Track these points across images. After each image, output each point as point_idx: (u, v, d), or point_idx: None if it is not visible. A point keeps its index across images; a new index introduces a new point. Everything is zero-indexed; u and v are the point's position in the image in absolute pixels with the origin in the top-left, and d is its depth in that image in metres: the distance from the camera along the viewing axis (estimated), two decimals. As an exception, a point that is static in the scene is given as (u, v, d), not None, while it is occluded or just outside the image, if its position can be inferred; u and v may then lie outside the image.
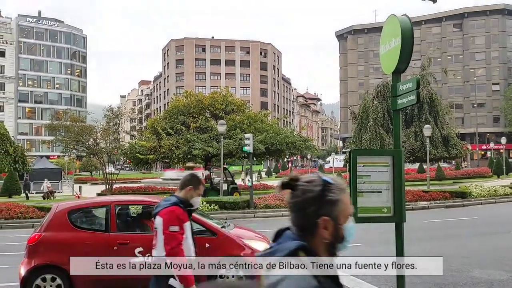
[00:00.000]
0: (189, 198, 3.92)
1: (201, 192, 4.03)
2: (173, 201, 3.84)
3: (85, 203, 7.71)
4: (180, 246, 3.71)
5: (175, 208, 3.76)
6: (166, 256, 3.67)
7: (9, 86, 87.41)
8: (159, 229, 3.73)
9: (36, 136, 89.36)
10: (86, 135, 29.13)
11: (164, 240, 3.67)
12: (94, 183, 46.02)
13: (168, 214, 3.72)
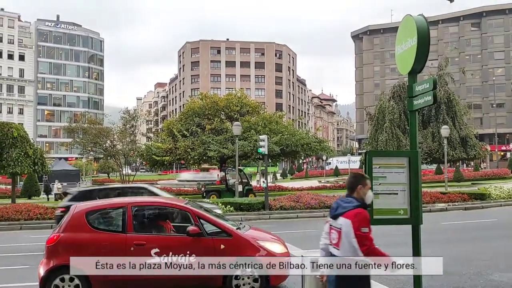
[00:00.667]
0: (362, 196, 3.99)
1: (369, 186, 4.09)
2: (356, 203, 3.92)
3: (102, 204, 7.80)
4: (374, 245, 3.82)
5: (361, 210, 3.88)
6: (364, 256, 3.78)
7: (29, 89, 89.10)
8: (348, 230, 3.81)
9: (55, 138, 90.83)
10: (103, 137, 29.55)
11: (358, 242, 3.77)
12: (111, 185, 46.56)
13: (357, 216, 3.82)
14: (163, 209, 7.67)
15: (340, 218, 3.93)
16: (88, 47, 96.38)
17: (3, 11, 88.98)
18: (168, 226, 7.45)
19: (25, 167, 24.28)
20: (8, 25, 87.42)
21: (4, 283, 8.25)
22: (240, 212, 18.12)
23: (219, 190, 26.16)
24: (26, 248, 12.16)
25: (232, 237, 6.86)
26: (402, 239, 11.51)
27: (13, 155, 23.76)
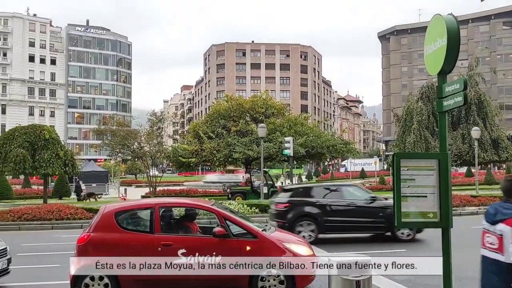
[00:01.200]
0: None
1: None
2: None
3: (130, 205, 7.95)
4: None
5: None
6: None
7: (60, 93, 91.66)
8: (509, 238, 3.72)
9: (85, 140, 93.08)
10: (131, 139, 30.03)
11: None
12: (138, 186, 47.36)
13: None
14: (190, 210, 7.75)
15: (499, 224, 3.79)
16: (117, 51, 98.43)
17: (36, 17, 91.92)
18: (194, 227, 7.53)
19: (56, 168, 24.94)
20: (40, 30, 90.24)
21: (37, 281, 8.51)
22: (266, 214, 18.08)
23: (245, 191, 26.25)
24: (57, 247, 12.50)
25: (257, 238, 6.87)
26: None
27: (45, 157, 24.46)
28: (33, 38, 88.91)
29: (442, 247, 4.75)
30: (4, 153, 24.18)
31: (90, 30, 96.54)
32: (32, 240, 13.87)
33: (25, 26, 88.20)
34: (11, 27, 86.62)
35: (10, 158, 23.68)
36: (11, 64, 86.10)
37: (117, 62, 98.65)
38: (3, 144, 24.66)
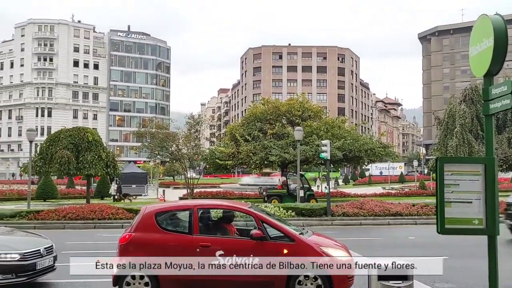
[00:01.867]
0: None
1: None
2: None
3: (170, 206, 8.11)
4: None
5: None
6: None
7: (102, 96, 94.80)
8: None
9: (125, 143, 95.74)
10: (170, 141, 30.60)
11: None
12: (176, 187, 48.21)
13: None
14: (227, 212, 7.82)
15: None
16: (156, 55, 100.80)
17: (80, 23, 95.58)
18: (232, 229, 7.60)
19: (99, 169, 25.79)
20: (84, 36, 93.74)
21: (81, 278, 8.81)
22: (302, 217, 18.02)
23: (281, 194, 26.21)
24: (100, 246, 12.90)
25: (295, 242, 6.85)
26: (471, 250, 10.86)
27: (88, 158, 25.34)
28: (77, 43, 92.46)
29: (488, 255, 4.59)
30: (50, 154, 25.25)
31: (131, 36, 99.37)
32: (76, 239, 14.38)
33: (70, 33, 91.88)
34: (57, 33, 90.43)
35: (56, 159, 24.68)
36: (57, 69, 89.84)
37: (156, 66, 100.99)
38: (49, 146, 25.75)
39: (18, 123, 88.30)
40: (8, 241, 7.93)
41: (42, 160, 25.36)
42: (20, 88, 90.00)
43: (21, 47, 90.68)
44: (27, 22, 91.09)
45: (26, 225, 16.39)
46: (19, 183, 46.74)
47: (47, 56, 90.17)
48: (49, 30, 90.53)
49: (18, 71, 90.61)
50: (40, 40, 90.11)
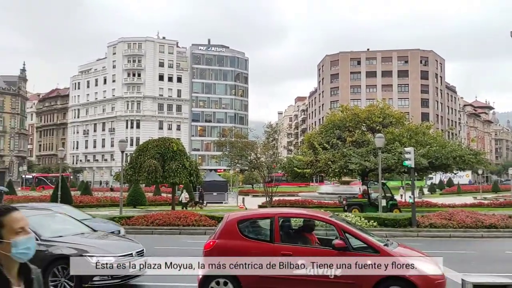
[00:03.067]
0: None
1: None
2: None
3: (251, 214, 8.25)
4: None
5: None
6: None
7: (185, 108, 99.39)
8: None
9: (206, 152, 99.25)
10: (248, 150, 31.19)
11: None
12: (255, 195, 48.87)
13: None
14: (308, 221, 7.77)
15: None
16: (235, 66, 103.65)
17: (165, 40, 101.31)
18: (313, 238, 7.52)
19: (183, 178, 27.01)
20: (168, 51, 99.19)
21: (169, 282, 9.24)
22: (384, 228, 17.34)
23: (361, 204, 25.47)
24: (185, 252, 13.44)
25: (379, 253, 6.61)
26: None
27: (173, 167, 26.66)
28: (162, 59, 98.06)
29: None
30: (139, 164, 26.95)
31: (211, 49, 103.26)
32: (163, 244, 15.12)
33: (155, 48, 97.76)
34: (144, 50, 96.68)
35: (144, 168, 26.27)
36: (144, 83, 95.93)
37: (235, 77, 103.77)
38: (138, 156, 27.51)
39: (110, 135, 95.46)
40: (104, 245, 8.55)
41: (132, 169, 27.12)
42: (112, 102, 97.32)
43: (113, 64, 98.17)
44: (118, 40, 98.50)
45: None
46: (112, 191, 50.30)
47: (135, 71, 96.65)
48: (137, 48, 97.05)
49: (110, 86, 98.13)
50: (129, 57, 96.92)
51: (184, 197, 32.68)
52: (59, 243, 8.09)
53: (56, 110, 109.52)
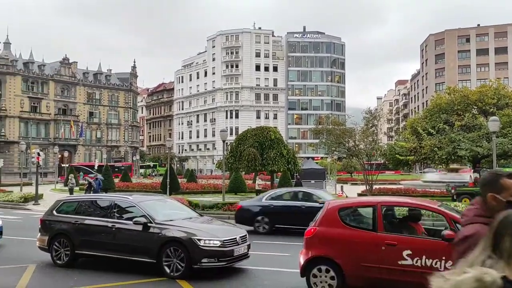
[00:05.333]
0: None
1: None
2: None
3: (352, 202, 8.10)
4: None
5: None
6: None
7: (281, 97, 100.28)
8: None
9: (303, 140, 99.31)
10: (346, 137, 30.51)
11: None
12: (353, 184, 47.80)
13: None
14: (414, 210, 7.40)
15: None
16: (331, 52, 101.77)
17: (260, 30, 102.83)
18: (419, 228, 7.17)
19: (281, 166, 27.40)
20: (264, 41, 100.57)
21: (271, 266, 9.49)
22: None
23: (473, 193, 23.55)
24: (285, 238, 13.67)
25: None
26: None
27: (271, 155, 27.16)
28: (258, 49, 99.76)
29: None
30: (239, 152, 27.90)
31: (307, 36, 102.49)
32: (263, 229, 15.50)
33: (252, 39, 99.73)
34: (241, 41, 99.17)
35: (244, 157, 27.14)
36: (241, 74, 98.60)
37: (331, 64, 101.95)
38: (238, 145, 28.48)
39: (211, 125, 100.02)
40: (210, 229, 9.02)
41: (233, 158, 28.17)
42: (212, 94, 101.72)
43: (212, 57, 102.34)
44: (217, 34, 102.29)
45: (222, 215, 18.39)
46: (214, 178, 52.82)
47: (233, 63, 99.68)
48: (235, 39, 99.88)
49: (210, 78, 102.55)
50: (227, 49, 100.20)
51: (258, 184, 32.70)
52: (171, 226, 8.71)
53: (163, 103, 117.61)
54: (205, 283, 8.05)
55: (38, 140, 71.68)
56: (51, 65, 78.93)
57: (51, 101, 75.37)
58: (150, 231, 8.63)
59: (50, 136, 74.82)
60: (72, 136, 76.08)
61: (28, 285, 8.06)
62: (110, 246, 9.03)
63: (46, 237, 9.78)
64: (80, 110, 79.49)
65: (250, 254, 9.31)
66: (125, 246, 8.88)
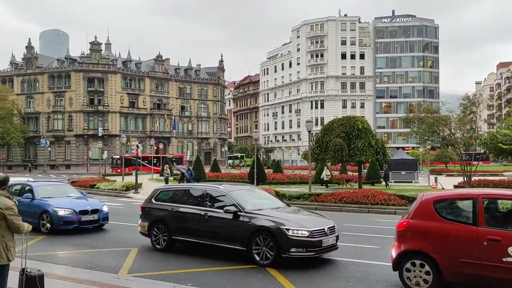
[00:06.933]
0: None
1: None
2: None
3: (449, 194, 7.62)
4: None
5: None
6: None
7: (368, 85, 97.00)
8: None
9: (392, 129, 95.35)
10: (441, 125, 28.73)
11: None
12: (449, 175, 44.96)
13: None
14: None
15: None
16: (423, 36, 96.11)
17: (346, 17, 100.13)
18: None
19: (369, 156, 26.60)
20: (350, 28, 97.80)
21: (360, 259, 9.32)
22: None
23: None
24: (375, 230, 13.31)
25: None
26: None
27: (359, 145, 26.47)
28: (344, 37, 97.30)
29: None
30: (325, 142, 27.57)
31: (396, 20, 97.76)
32: (351, 221, 15.25)
33: (337, 27, 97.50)
34: (326, 30, 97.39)
35: (330, 147, 26.78)
36: (327, 64, 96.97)
37: (423, 48, 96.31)
38: (324, 135, 28.14)
39: (296, 116, 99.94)
40: (298, 219, 9.06)
41: (319, 148, 27.93)
42: (297, 85, 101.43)
43: (297, 47, 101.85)
44: (301, 24, 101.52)
45: (308, 205, 18.41)
46: (300, 169, 52.86)
47: (318, 52, 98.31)
48: (320, 28, 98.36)
49: (295, 69, 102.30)
50: (312, 38, 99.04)
51: (326, 174, 31.77)
52: (260, 215, 8.90)
53: (249, 95, 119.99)
54: (294, 272, 8.13)
55: (136, 133, 77.32)
56: (146, 62, 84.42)
57: (147, 97, 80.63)
58: (240, 220, 8.90)
59: (146, 129, 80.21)
60: (166, 129, 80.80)
61: (132, 266, 8.77)
62: (203, 233, 9.48)
63: (146, 223, 10.55)
64: (172, 104, 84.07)
65: (339, 246, 9.21)
66: (217, 233, 9.26)
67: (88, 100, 74.69)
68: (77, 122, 74.62)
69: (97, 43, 76.18)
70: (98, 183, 30.10)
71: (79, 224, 12.84)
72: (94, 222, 13.22)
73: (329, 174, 32.43)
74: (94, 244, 11.19)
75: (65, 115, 74.98)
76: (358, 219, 15.99)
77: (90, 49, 75.73)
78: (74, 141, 74.74)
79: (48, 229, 12.66)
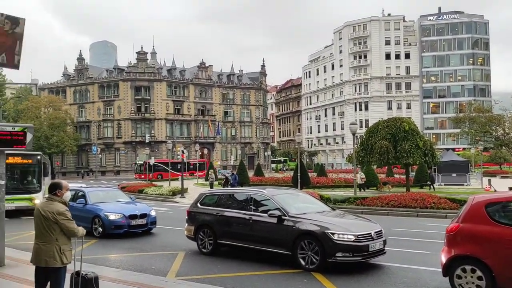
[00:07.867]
0: None
1: None
2: None
3: (503, 197, 7.28)
4: None
5: None
6: None
7: (414, 85, 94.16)
8: None
9: (441, 130, 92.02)
10: (494, 125, 27.53)
11: None
12: (504, 177, 42.78)
13: None
14: None
15: None
16: (472, 32, 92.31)
17: (390, 16, 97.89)
18: None
19: (417, 158, 25.81)
20: (394, 27, 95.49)
21: (408, 264, 9.07)
22: None
23: None
24: (424, 235, 12.90)
25: None
26: None
27: (406, 147, 25.73)
28: (388, 36, 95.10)
29: None
30: (370, 145, 27.03)
31: (443, 17, 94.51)
32: (399, 225, 14.85)
33: (381, 27, 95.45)
34: (369, 30, 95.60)
35: (376, 150, 26.22)
36: (370, 64, 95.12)
37: (472, 45, 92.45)
38: (369, 138, 27.59)
39: (340, 118, 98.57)
40: (344, 223, 8.93)
41: (364, 151, 27.42)
42: (340, 87, 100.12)
43: (339, 49, 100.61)
44: (343, 25, 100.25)
45: (354, 209, 18.09)
46: (345, 172, 52.05)
47: (361, 53, 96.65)
48: (362, 29, 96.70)
49: (338, 71, 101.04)
50: (354, 40, 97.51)
51: (360, 177, 30.68)
52: (304, 219, 8.86)
53: (291, 99, 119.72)
54: (340, 277, 8.03)
55: (182, 139, 79.03)
56: (190, 70, 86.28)
57: (191, 103, 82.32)
58: (284, 224, 8.90)
59: (191, 135, 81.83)
60: (210, 134, 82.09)
61: (179, 269, 8.98)
62: (248, 237, 9.55)
63: (192, 227, 10.76)
64: (216, 110, 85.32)
65: (387, 250, 9.00)
66: (262, 237, 9.30)
67: (135, 108, 77.24)
68: (126, 129, 77.31)
69: (143, 52, 78.73)
70: (146, 188, 31.04)
71: (128, 228, 13.29)
72: (143, 226, 13.63)
73: (364, 177, 31.69)
74: (143, 248, 11.55)
75: (114, 123, 77.89)
76: (407, 223, 15.56)
77: (137, 58, 78.39)
78: (123, 148, 77.46)
79: (100, 233, 13.18)
